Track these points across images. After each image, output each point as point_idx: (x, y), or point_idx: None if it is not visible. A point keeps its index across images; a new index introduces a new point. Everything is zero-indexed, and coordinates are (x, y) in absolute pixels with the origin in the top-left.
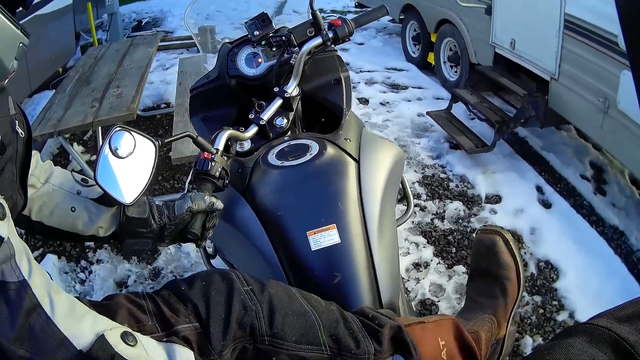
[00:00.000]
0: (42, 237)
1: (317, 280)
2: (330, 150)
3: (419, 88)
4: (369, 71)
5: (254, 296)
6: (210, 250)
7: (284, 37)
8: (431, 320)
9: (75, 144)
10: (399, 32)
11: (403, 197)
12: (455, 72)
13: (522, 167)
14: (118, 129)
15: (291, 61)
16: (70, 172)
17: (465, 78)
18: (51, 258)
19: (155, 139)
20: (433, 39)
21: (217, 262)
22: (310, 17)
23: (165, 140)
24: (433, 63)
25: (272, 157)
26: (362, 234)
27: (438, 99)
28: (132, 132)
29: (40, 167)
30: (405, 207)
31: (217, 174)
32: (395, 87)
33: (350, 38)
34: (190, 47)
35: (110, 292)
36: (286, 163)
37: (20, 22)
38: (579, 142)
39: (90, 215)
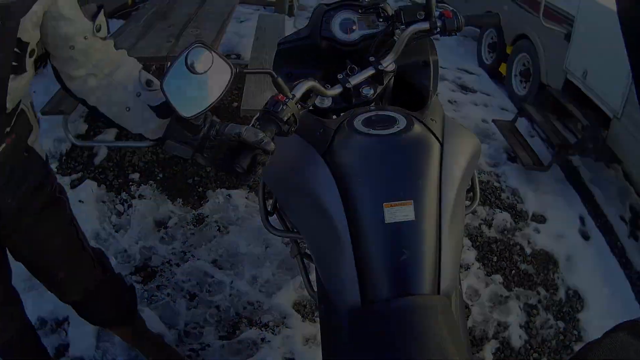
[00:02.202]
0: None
1: (384, 254)
2: (417, 127)
3: (487, 95)
4: (441, 67)
5: None
6: (269, 207)
7: (394, 12)
8: None
9: None
10: (475, 36)
11: (469, 189)
12: (524, 87)
13: (570, 194)
14: (199, 44)
15: (394, 37)
16: (140, 69)
17: (534, 95)
18: (90, 184)
19: (234, 65)
20: (508, 50)
21: (273, 219)
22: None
23: (245, 70)
24: (504, 74)
25: (358, 123)
26: (435, 216)
27: (503, 109)
28: (212, 52)
29: (107, 57)
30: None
31: (285, 118)
32: (464, 89)
33: (458, 34)
34: (267, 5)
35: (147, 231)
36: (372, 131)
37: None
38: (624, 183)
39: (142, 120)
